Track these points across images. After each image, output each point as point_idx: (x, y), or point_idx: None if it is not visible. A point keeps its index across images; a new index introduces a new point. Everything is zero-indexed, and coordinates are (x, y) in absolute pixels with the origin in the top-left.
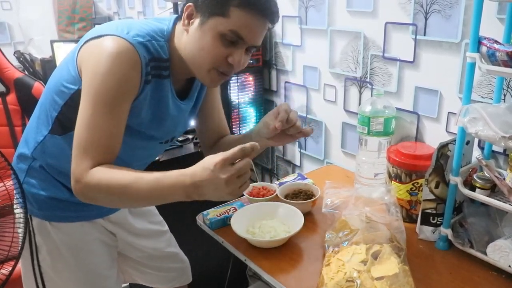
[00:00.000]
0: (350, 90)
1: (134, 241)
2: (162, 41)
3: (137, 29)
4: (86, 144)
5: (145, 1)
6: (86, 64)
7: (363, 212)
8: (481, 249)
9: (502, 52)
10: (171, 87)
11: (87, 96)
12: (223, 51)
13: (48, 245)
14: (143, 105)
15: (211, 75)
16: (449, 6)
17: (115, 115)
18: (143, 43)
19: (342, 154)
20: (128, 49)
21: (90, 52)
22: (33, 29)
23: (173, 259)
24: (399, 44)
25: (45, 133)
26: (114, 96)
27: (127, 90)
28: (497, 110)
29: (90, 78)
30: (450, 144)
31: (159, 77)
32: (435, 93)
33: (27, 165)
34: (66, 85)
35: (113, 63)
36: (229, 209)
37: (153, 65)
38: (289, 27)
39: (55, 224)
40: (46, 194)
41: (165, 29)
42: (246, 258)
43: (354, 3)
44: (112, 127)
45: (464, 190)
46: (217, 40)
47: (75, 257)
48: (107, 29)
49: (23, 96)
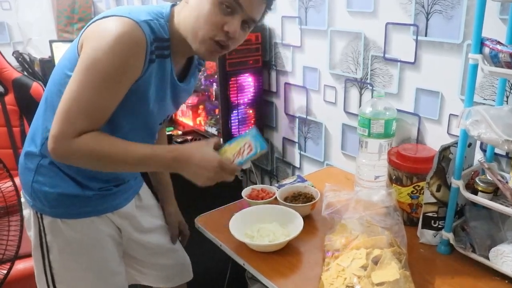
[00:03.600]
0: (350, 91)
1: (138, 237)
2: (163, 21)
3: (139, 10)
4: (70, 112)
5: (144, 1)
6: (87, 41)
7: (363, 216)
8: (484, 253)
9: (505, 54)
10: (171, 67)
11: (82, 67)
12: (220, 19)
13: (59, 244)
14: (149, 84)
15: (207, 45)
16: (450, 7)
17: (109, 92)
18: (147, 22)
19: (342, 156)
20: (133, 28)
21: (93, 31)
22: (32, 29)
23: (175, 257)
24: (400, 45)
25: None
26: (112, 73)
27: (128, 70)
28: (499, 113)
29: (91, 51)
30: (452, 146)
31: (161, 56)
32: (437, 94)
33: (35, 163)
34: (70, 74)
35: (117, 42)
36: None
37: (157, 44)
38: (289, 27)
39: (66, 221)
40: (57, 191)
41: (164, 11)
42: (244, 262)
43: (354, 4)
44: (103, 101)
45: (466, 193)
46: (215, 6)
47: (87, 254)
48: (110, 12)
49: (22, 97)
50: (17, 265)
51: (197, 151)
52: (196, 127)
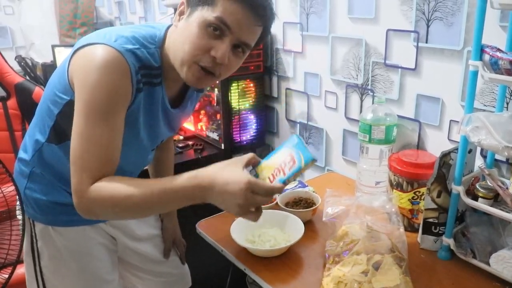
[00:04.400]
0: (351, 97)
1: (134, 245)
2: (153, 48)
3: (126, 37)
4: (83, 158)
5: (146, 6)
6: (76, 76)
7: (364, 221)
8: (484, 259)
9: (505, 61)
10: (163, 94)
11: (80, 109)
12: (206, 43)
13: (50, 251)
14: (138, 113)
15: (192, 70)
16: (451, 14)
17: (110, 126)
18: (132, 50)
19: (343, 162)
20: (116, 57)
21: (78, 64)
22: (35, 34)
23: (173, 265)
24: (400, 51)
25: (42, 142)
26: (106, 107)
27: (119, 99)
28: (500, 119)
29: (81, 91)
30: (452, 152)
31: (150, 84)
32: (437, 100)
33: (28, 170)
34: (59, 95)
35: (102, 73)
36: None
37: (143, 72)
38: (290, 33)
39: (57, 229)
40: (49, 199)
41: (157, 34)
42: (245, 268)
43: (356, 10)
44: (108, 139)
45: (466, 199)
46: (202, 29)
47: (78, 262)
48: (95, 38)
49: (24, 101)
50: (18, 269)
51: (220, 174)
52: (197, 132)
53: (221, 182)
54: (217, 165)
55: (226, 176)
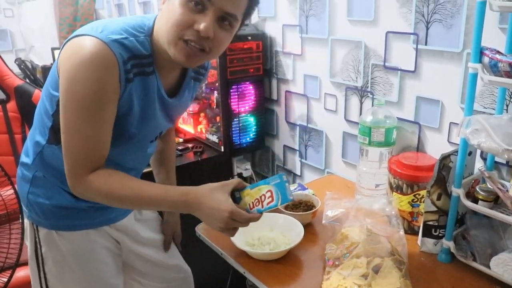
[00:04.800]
0: (351, 99)
1: (138, 249)
2: (142, 37)
3: (113, 27)
4: (73, 152)
5: (146, 8)
6: (61, 70)
7: (364, 224)
8: (485, 262)
9: (505, 63)
10: (158, 83)
11: (66, 103)
12: (188, 17)
13: (54, 256)
14: (131, 104)
15: (179, 47)
16: (450, 16)
17: (98, 119)
18: (118, 41)
19: (343, 164)
20: (102, 49)
21: (65, 57)
22: (35, 37)
23: (176, 270)
24: (400, 54)
25: (42, 143)
26: (92, 101)
27: (105, 93)
28: (499, 122)
29: (66, 85)
30: (452, 155)
31: (142, 74)
32: (437, 103)
33: (31, 174)
34: (52, 93)
35: (86, 67)
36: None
37: (134, 62)
38: (290, 36)
39: (62, 233)
40: (52, 203)
41: (146, 23)
42: (245, 271)
43: (355, 12)
44: (95, 131)
45: (466, 202)
46: (183, 6)
47: (82, 266)
48: (83, 30)
49: (23, 104)
50: (17, 272)
51: (209, 198)
52: (197, 135)
53: (208, 206)
54: (207, 188)
55: (212, 203)
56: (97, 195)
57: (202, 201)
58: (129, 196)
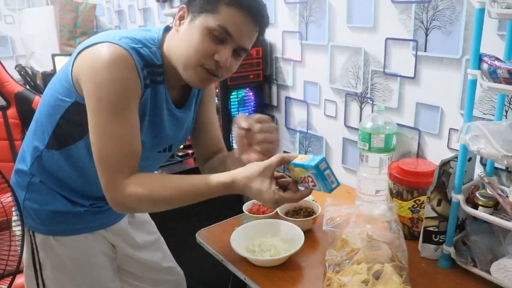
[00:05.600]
0: (350, 105)
1: (133, 253)
2: (154, 48)
3: (128, 37)
4: (108, 157)
5: (146, 15)
6: (83, 76)
7: (364, 230)
8: (485, 268)
9: (504, 70)
10: (166, 93)
11: (94, 108)
12: (210, 47)
13: (52, 261)
14: (145, 110)
15: (197, 72)
16: (449, 22)
17: (127, 120)
18: (135, 49)
19: (343, 170)
20: (122, 53)
21: (85, 62)
22: (35, 43)
23: (170, 272)
24: (399, 60)
25: (41, 148)
26: (121, 102)
27: (132, 94)
28: (499, 128)
29: (92, 89)
30: (452, 161)
31: (154, 82)
32: (436, 109)
33: (26, 181)
34: (62, 98)
35: (111, 69)
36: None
37: (148, 70)
38: (290, 42)
39: (59, 239)
40: (48, 208)
41: (156, 37)
42: (245, 277)
43: (355, 19)
44: (128, 133)
45: (466, 208)
46: (205, 35)
47: (80, 271)
48: (98, 38)
49: (24, 110)
50: (17, 279)
51: (250, 190)
52: None
53: (252, 195)
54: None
55: (255, 194)
56: (138, 202)
57: (247, 192)
58: (173, 196)
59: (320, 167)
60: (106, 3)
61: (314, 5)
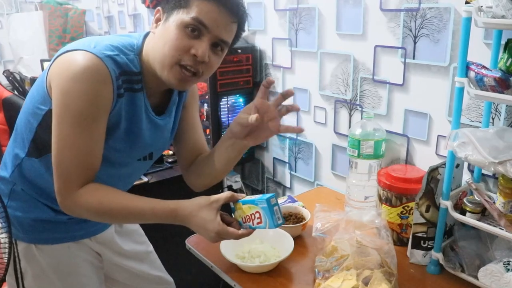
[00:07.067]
0: (340, 112)
1: (120, 261)
2: (132, 55)
3: (105, 44)
4: (65, 164)
5: (136, 21)
6: (54, 83)
7: (353, 236)
8: (473, 273)
9: (490, 78)
10: (145, 101)
11: (59, 116)
12: (185, 42)
13: (33, 270)
14: (119, 119)
15: (175, 71)
16: (437, 31)
17: (91, 132)
18: (111, 56)
19: (333, 176)
20: (95, 63)
21: (57, 70)
22: (24, 48)
23: (159, 281)
24: (388, 67)
25: (22, 156)
26: (86, 114)
27: (99, 106)
28: (485, 135)
29: (59, 97)
30: (440, 167)
31: (131, 90)
32: (425, 116)
33: (9, 188)
34: (39, 106)
35: (83, 81)
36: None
37: (124, 78)
38: (279, 49)
39: (41, 247)
40: (31, 216)
41: (135, 43)
42: (235, 283)
43: (344, 26)
44: (89, 145)
45: (454, 214)
46: (179, 31)
47: (63, 280)
48: (74, 45)
49: (11, 116)
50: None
51: (196, 217)
52: None
53: (196, 224)
54: (195, 205)
55: (200, 222)
56: (86, 211)
57: (191, 220)
58: (118, 213)
59: (270, 202)
60: (96, 9)
61: (304, 12)
